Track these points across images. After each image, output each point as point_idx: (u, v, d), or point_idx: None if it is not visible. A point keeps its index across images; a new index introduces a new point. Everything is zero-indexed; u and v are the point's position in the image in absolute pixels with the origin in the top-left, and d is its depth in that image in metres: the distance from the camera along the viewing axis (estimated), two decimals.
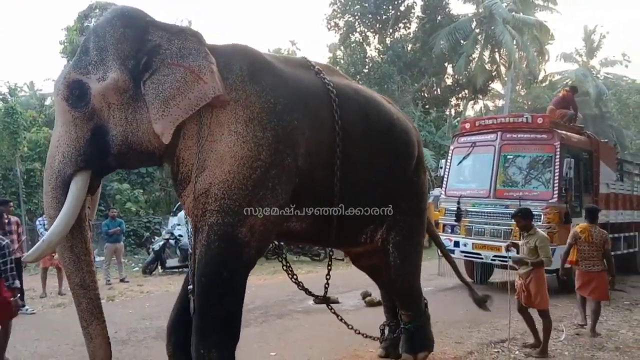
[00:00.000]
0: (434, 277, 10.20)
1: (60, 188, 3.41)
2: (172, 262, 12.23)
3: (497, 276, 10.10)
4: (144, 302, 8.34)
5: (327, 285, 4.90)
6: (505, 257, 8.74)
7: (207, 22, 68.51)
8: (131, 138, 3.40)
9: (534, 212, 8.39)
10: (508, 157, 9.20)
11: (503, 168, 9.17)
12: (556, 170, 8.54)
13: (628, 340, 6.16)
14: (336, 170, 3.86)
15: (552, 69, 38.46)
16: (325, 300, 5.09)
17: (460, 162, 9.76)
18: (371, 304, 7.84)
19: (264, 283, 10.09)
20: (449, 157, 10.00)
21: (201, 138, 3.43)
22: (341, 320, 5.09)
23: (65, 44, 18.70)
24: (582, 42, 39.86)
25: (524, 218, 5.87)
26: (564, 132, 9.03)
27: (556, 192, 8.49)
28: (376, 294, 8.62)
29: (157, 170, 16.79)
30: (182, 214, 14.42)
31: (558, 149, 8.60)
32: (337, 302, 8.02)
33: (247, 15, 73.82)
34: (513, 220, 8.49)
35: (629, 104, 25.89)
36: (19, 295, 5.28)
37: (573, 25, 72.56)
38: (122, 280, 10.51)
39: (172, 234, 12.41)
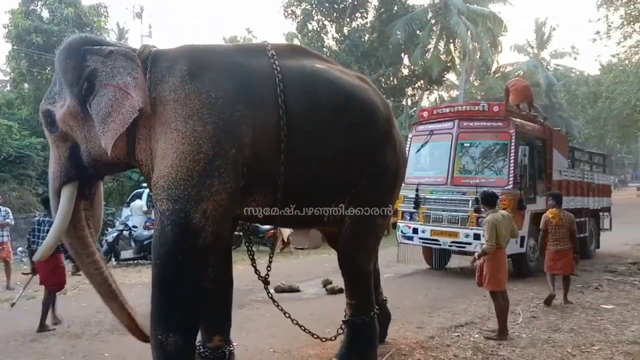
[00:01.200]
0: (393, 263, 10.28)
1: (55, 198, 4.07)
2: (126, 253, 11.89)
3: (455, 262, 10.28)
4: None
5: (266, 277, 4.89)
6: (462, 243, 8.94)
7: (164, 10, 66.85)
8: (94, 153, 3.91)
9: None
10: (465, 145, 9.33)
11: (460, 156, 9.30)
12: (511, 158, 8.72)
13: (582, 321, 6.35)
14: (282, 154, 3.90)
15: (505, 61, 39.42)
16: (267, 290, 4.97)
17: (419, 150, 9.83)
18: (332, 291, 7.82)
19: None
20: (408, 146, 10.04)
21: (150, 139, 3.78)
22: (283, 312, 4.82)
23: (10, 27, 17.82)
24: (533, 35, 41.09)
25: (481, 202, 6.22)
26: (518, 120, 9.22)
27: (511, 179, 8.67)
28: (337, 281, 8.64)
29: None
30: (135, 204, 14.08)
31: (513, 137, 8.78)
32: (298, 291, 8.00)
33: (204, 3, 72.39)
34: (471, 207, 8.77)
35: (578, 95, 26.75)
36: None
37: (525, 17, 74.42)
38: (74, 274, 10.11)
39: (126, 224, 12.04)
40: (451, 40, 29.30)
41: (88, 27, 17.66)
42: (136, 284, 8.83)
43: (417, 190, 9.41)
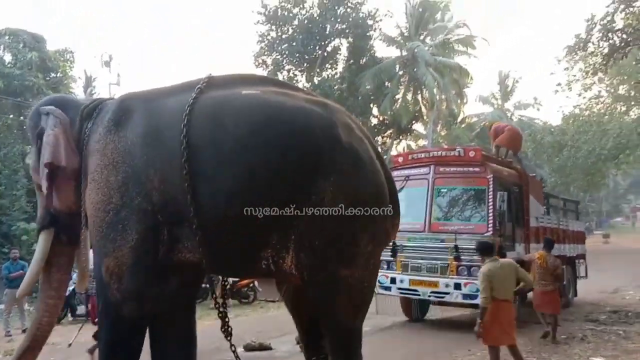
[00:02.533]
0: (371, 315, 9.73)
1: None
2: (83, 308, 11.04)
3: (433, 312, 9.85)
4: (47, 357, 7.27)
5: (226, 329, 4.38)
6: (442, 292, 8.53)
7: (134, 58, 66.95)
8: (53, 204, 4.15)
9: (468, 246, 8.36)
10: (442, 190, 9.08)
11: (437, 201, 9.03)
12: (490, 204, 8.48)
13: None
14: (188, 193, 3.54)
15: (471, 111, 40.29)
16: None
17: None
18: None
19: None
20: None
21: (84, 190, 3.94)
22: None
23: None
24: (497, 86, 42.38)
25: (477, 251, 6.05)
26: (495, 165, 9.06)
27: (491, 225, 8.40)
28: None
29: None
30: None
31: (491, 182, 8.57)
32: (270, 349, 7.41)
33: (174, 52, 72.89)
34: (450, 255, 8.43)
35: (543, 144, 27.28)
36: None
37: (490, 69, 77.38)
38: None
39: (98, 293, 11.24)
40: (419, 91, 29.86)
41: (53, 72, 17.22)
42: (88, 342, 8.05)
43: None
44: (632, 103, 26.37)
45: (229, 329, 4.35)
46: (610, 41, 15.58)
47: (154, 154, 3.68)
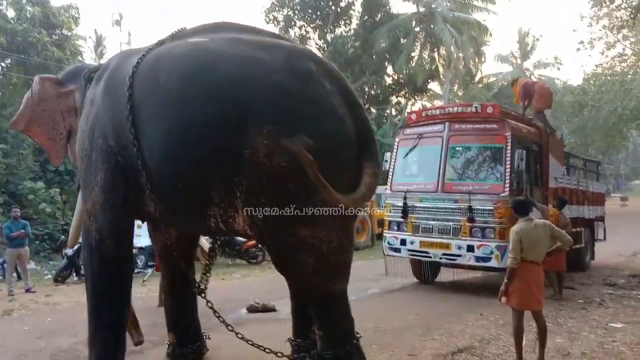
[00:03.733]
0: (380, 277, 9.53)
1: None
2: None
3: (445, 275, 9.55)
4: (46, 316, 7.14)
5: (198, 286, 4.59)
6: (454, 255, 8.20)
7: (145, 17, 66.03)
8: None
9: (482, 207, 7.98)
10: (457, 148, 8.62)
11: (451, 160, 8.58)
12: (507, 162, 8.03)
13: (592, 343, 5.64)
14: (134, 146, 3.66)
15: (488, 71, 39.32)
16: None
17: (407, 155, 9.10)
18: None
19: None
20: (395, 150, 9.33)
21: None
22: (239, 336, 4.30)
23: None
24: (516, 45, 41.08)
25: (513, 209, 5.43)
26: (514, 122, 8.55)
27: (507, 185, 7.97)
28: None
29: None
30: None
31: (509, 140, 8.09)
32: (274, 310, 7.17)
33: (187, 10, 71.76)
34: (463, 216, 8.06)
35: (563, 104, 26.45)
36: None
37: (509, 27, 74.94)
38: (27, 291, 9.19)
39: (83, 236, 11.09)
40: (435, 49, 28.93)
41: (57, 28, 16.75)
42: None
43: (405, 198, 8.65)
44: None
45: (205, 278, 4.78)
46: None
47: (109, 104, 3.88)
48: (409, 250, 8.68)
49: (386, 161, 9.44)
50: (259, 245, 12.55)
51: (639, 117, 25.59)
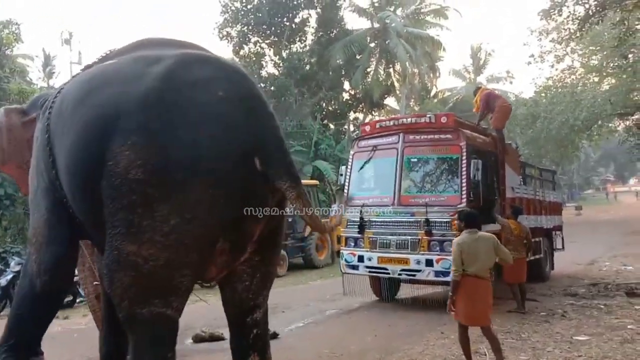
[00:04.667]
0: (339, 296, 9.10)
1: None
2: None
3: (406, 291, 9.21)
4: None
5: None
6: (413, 270, 7.87)
7: (95, 35, 64.66)
8: None
9: (440, 220, 7.71)
10: (412, 160, 8.37)
11: (407, 172, 8.33)
12: (463, 173, 7.81)
13: (558, 359, 5.36)
14: (56, 178, 3.73)
15: (443, 85, 39.85)
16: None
17: (362, 167, 8.79)
18: None
19: None
20: (350, 163, 9.02)
21: None
22: None
23: None
24: (470, 60, 41.88)
25: (459, 219, 5.48)
26: (469, 131, 8.37)
27: (465, 196, 7.74)
28: (271, 324, 7.36)
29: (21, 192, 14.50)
30: None
31: (464, 150, 7.89)
32: (222, 339, 6.63)
33: (136, 27, 70.75)
34: (421, 229, 7.78)
35: (516, 116, 26.85)
36: None
37: (462, 42, 76.69)
38: None
39: (23, 265, 10.28)
40: (390, 65, 29.13)
41: None
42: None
43: (361, 212, 8.33)
44: (604, 74, 26.04)
45: None
46: (586, 5, 15.00)
47: (40, 139, 3.94)
48: (367, 267, 8.32)
49: (341, 175, 9.12)
50: None
51: (590, 128, 26.22)
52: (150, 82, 3.13)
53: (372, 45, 28.11)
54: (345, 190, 8.88)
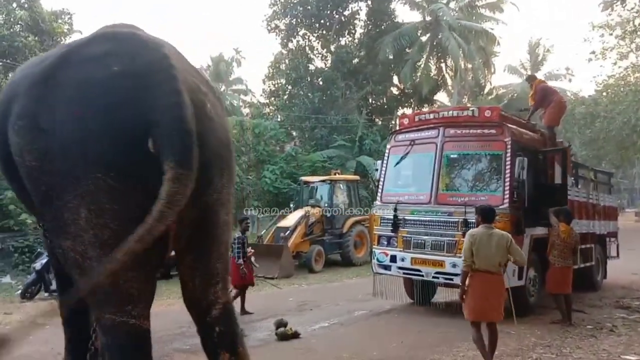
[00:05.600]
0: (368, 297, 8.70)
1: None
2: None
3: (443, 294, 8.71)
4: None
5: None
6: (449, 274, 7.39)
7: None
8: None
9: None
10: (451, 156, 7.85)
11: (446, 169, 7.82)
12: (507, 171, 7.25)
13: None
14: None
15: (498, 82, 38.50)
16: None
17: (398, 163, 8.34)
18: (283, 337, 6.19)
19: (161, 310, 8.24)
20: (386, 158, 8.59)
21: None
22: None
23: None
24: (527, 56, 40.23)
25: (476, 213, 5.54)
26: (514, 127, 7.77)
27: (507, 196, 7.18)
28: (296, 321, 7.09)
29: None
30: None
31: (509, 146, 7.31)
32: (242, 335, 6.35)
33: (180, 15, 72.07)
34: (459, 230, 7.29)
35: (575, 115, 25.51)
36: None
37: (519, 37, 73.98)
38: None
39: None
40: (442, 59, 28.26)
41: (46, 34, 16.23)
42: None
43: (395, 210, 7.90)
44: None
45: None
46: None
47: None
48: (400, 267, 7.89)
49: (377, 170, 8.71)
50: None
51: None
52: (48, 61, 2.89)
53: (423, 38, 27.34)
54: (380, 186, 8.46)
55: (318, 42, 26.52)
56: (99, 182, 2.68)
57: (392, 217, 7.92)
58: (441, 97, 31.99)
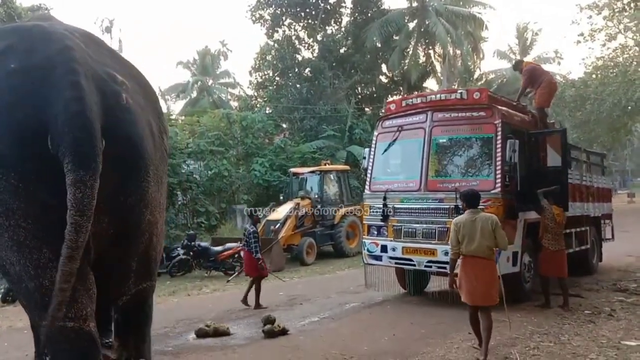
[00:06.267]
0: (361, 288, 8.47)
1: None
2: None
3: (436, 283, 8.47)
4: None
5: None
6: (442, 262, 7.16)
7: (134, 23, 65.52)
8: None
9: None
10: (441, 140, 7.61)
11: (435, 155, 7.57)
12: (498, 154, 7.01)
13: None
14: None
15: (487, 67, 38.33)
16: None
17: (386, 150, 8.09)
18: (270, 334, 5.92)
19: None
20: (373, 146, 8.33)
21: None
22: None
23: None
24: (515, 40, 40.03)
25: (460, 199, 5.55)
26: (505, 108, 7.53)
27: (499, 180, 6.95)
28: (284, 317, 6.85)
29: None
30: None
31: (499, 129, 7.07)
32: (227, 334, 6.11)
33: (178, 15, 71.47)
34: (450, 217, 7.05)
35: (565, 98, 25.32)
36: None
37: (507, 22, 73.69)
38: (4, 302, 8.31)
39: None
40: (430, 46, 27.97)
41: None
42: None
43: (384, 199, 7.65)
44: None
45: None
46: None
47: None
48: (391, 257, 7.65)
49: (364, 158, 8.45)
50: (235, 256, 11.58)
51: None
52: None
53: (411, 25, 27.01)
54: (368, 175, 8.21)
55: (304, 32, 26.14)
56: (1, 184, 2.61)
57: (381, 206, 7.68)
58: (430, 84, 31.68)
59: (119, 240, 3.09)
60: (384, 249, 7.69)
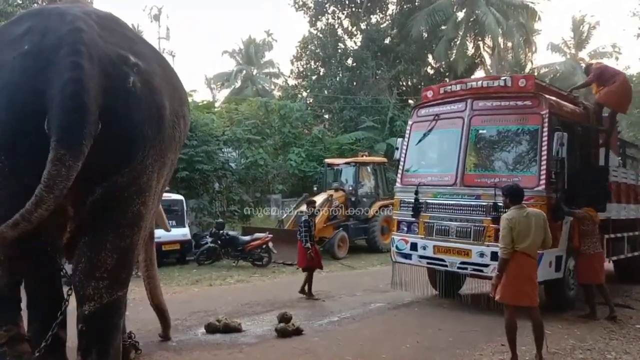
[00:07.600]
0: (387, 288, 7.95)
1: None
2: None
3: (472, 285, 7.86)
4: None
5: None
6: (476, 264, 6.57)
7: (183, 11, 66.50)
8: None
9: None
10: (480, 131, 6.98)
11: (474, 147, 6.97)
12: (543, 148, 6.35)
13: None
14: None
15: (540, 61, 36.65)
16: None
17: (420, 140, 7.51)
18: (284, 333, 5.50)
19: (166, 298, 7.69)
20: (407, 136, 7.77)
21: None
22: None
23: None
24: (570, 33, 38.18)
25: (504, 194, 5.05)
26: (553, 98, 6.82)
27: (543, 177, 6.29)
28: (300, 314, 6.43)
29: None
30: None
31: (546, 120, 6.40)
32: (237, 330, 5.72)
33: (225, 4, 72.10)
34: (487, 216, 6.47)
35: None
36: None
37: (562, 14, 70.66)
38: None
39: None
40: (479, 37, 26.89)
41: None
42: None
43: (416, 193, 7.10)
44: None
45: None
46: None
47: None
48: (421, 256, 7.11)
49: (397, 148, 7.90)
50: (264, 247, 11.25)
51: None
52: None
53: (459, 14, 26.01)
54: (400, 167, 7.67)
55: (348, 20, 25.54)
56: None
57: (412, 200, 7.14)
58: (479, 76, 30.62)
59: (98, 224, 2.98)
60: (413, 247, 7.16)
